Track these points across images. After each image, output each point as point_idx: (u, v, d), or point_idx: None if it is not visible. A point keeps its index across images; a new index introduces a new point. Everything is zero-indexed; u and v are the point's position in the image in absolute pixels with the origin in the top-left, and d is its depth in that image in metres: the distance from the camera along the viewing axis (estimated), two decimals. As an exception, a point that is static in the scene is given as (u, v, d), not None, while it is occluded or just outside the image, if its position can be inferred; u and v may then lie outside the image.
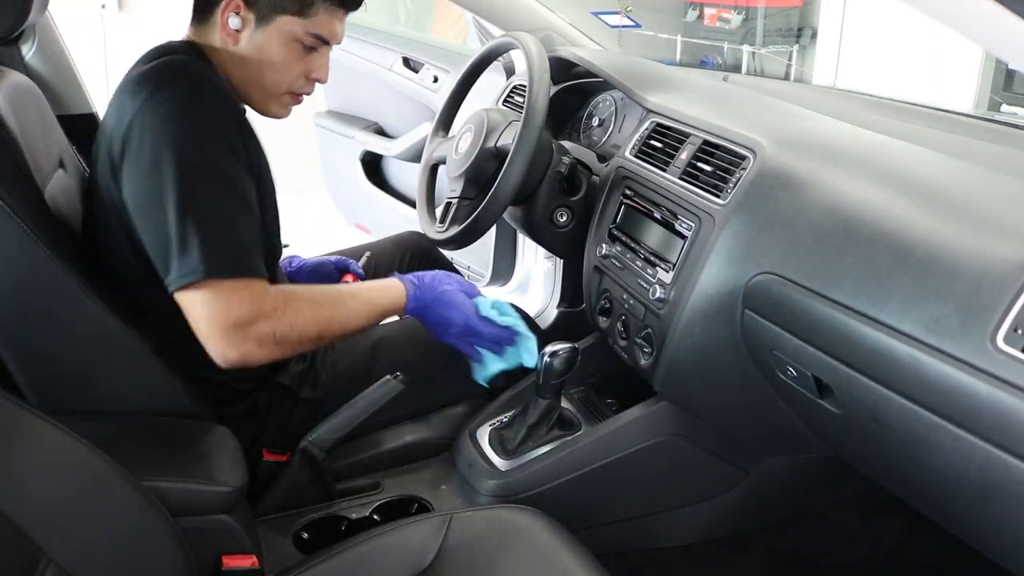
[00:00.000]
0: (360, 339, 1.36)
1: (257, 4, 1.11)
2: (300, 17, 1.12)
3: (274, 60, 1.14)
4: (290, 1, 1.11)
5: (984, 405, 0.74)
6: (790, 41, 4.75)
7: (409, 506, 1.25)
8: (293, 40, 1.13)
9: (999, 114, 1.97)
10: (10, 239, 1.04)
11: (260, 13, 1.11)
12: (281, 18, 1.11)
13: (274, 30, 1.12)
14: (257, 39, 1.13)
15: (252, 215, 1.06)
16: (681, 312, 1.11)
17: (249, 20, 1.12)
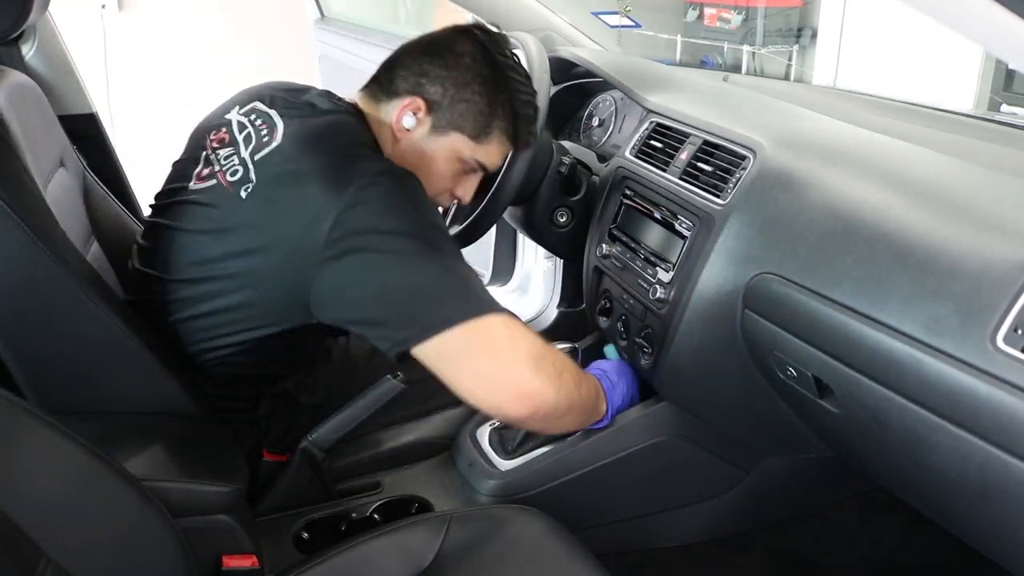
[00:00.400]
0: (359, 343, 1.36)
1: (438, 114, 1.12)
2: (473, 141, 1.13)
3: (431, 170, 1.14)
4: (471, 123, 1.12)
5: (984, 405, 0.74)
6: (790, 41, 4.75)
7: (409, 506, 1.25)
8: (457, 159, 1.14)
9: (999, 114, 1.97)
10: (10, 239, 1.04)
11: (437, 123, 1.12)
12: (455, 135, 1.13)
13: (444, 143, 1.13)
14: (424, 145, 1.13)
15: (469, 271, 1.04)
16: (681, 312, 1.11)
17: (424, 124, 1.12)
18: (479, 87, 1.12)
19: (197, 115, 1.28)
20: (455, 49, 1.12)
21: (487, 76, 1.12)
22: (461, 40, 1.13)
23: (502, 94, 1.13)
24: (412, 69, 1.13)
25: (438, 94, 1.12)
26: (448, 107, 1.11)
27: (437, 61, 1.12)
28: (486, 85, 1.12)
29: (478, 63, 1.12)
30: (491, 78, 1.12)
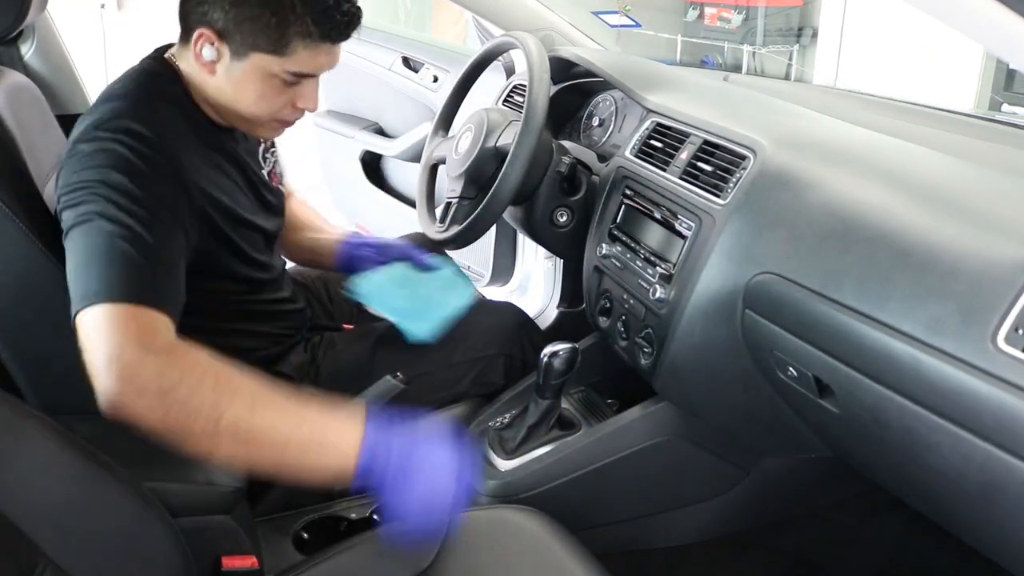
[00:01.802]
0: (360, 338, 1.37)
1: (230, 38, 1.05)
2: (276, 56, 1.05)
3: (252, 94, 1.08)
4: (264, 39, 1.04)
5: (984, 405, 0.74)
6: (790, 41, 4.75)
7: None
8: (271, 76, 1.07)
9: (999, 114, 1.97)
10: (9, 240, 1.04)
11: (234, 47, 1.05)
12: (256, 55, 1.05)
13: (250, 65, 1.06)
14: (233, 72, 1.07)
15: (165, 252, 0.96)
16: (681, 312, 1.11)
17: (224, 53, 1.06)
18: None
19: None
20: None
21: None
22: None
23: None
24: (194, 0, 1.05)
25: (221, 19, 1.03)
26: (235, 29, 1.03)
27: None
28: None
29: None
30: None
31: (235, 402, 0.86)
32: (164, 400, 0.85)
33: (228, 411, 0.85)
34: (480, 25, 1.94)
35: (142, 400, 0.85)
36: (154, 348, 0.87)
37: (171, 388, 0.85)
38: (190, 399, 0.85)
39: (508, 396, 1.39)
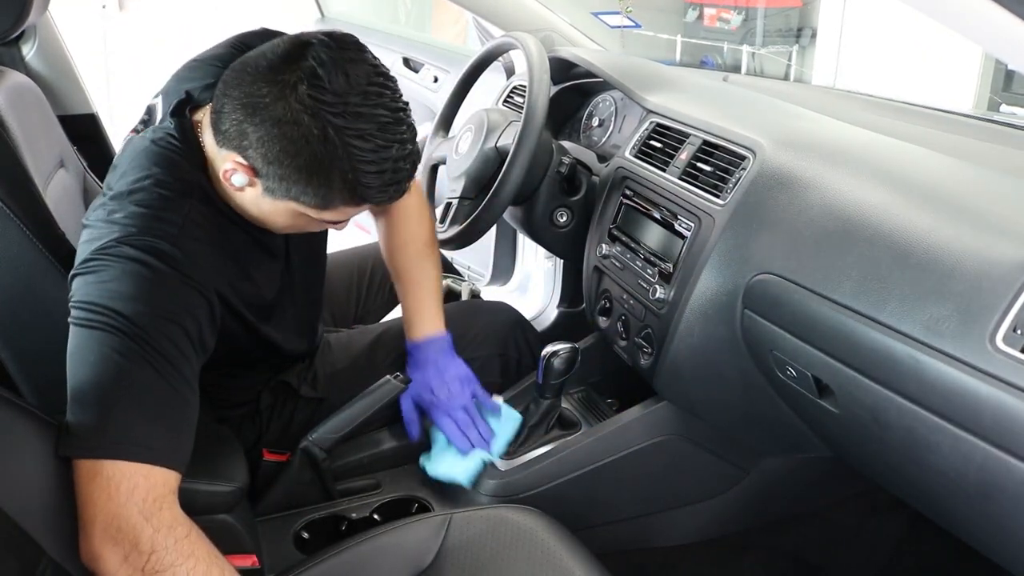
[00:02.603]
0: (359, 337, 1.37)
1: (266, 181, 0.93)
2: (314, 210, 0.95)
3: (280, 223, 1.00)
4: (307, 197, 0.92)
5: (983, 405, 0.74)
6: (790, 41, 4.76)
7: (409, 506, 1.25)
8: (302, 216, 0.97)
9: (999, 114, 1.97)
10: (10, 240, 1.04)
11: (269, 186, 0.93)
12: (292, 203, 0.94)
13: (284, 207, 0.96)
14: (263, 204, 0.96)
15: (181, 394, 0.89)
16: (681, 312, 1.11)
17: (256, 186, 0.94)
18: (304, 161, 0.89)
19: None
20: (272, 110, 0.88)
21: (312, 143, 0.88)
22: (280, 89, 0.88)
23: (334, 162, 0.89)
24: (232, 119, 0.91)
25: (260, 163, 0.91)
26: (275, 179, 0.92)
27: (255, 121, 0.89)
28: (311, 156, 0.89)
29: (301, 127, 0.87)
30: (318, 144, 0.88)
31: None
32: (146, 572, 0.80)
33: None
34: (480, 25, 1.95)
35: (121, 569, 0.80)
36: (156, 521, 0.81)
37: (156, 572, 0.80)
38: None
39: (508, 396, 1.39)
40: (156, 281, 0.89)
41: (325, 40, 0.90)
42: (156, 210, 0.93)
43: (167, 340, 0.88)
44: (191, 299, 0.92)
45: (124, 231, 0.91)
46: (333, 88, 0.87)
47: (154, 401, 0.86)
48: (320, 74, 0.87)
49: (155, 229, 0.92)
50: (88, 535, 0.80)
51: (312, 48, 0.89)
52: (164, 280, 0.90)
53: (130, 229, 0.91)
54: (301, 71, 0.87)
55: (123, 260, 0.89)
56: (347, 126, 0.88)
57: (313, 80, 0.87)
